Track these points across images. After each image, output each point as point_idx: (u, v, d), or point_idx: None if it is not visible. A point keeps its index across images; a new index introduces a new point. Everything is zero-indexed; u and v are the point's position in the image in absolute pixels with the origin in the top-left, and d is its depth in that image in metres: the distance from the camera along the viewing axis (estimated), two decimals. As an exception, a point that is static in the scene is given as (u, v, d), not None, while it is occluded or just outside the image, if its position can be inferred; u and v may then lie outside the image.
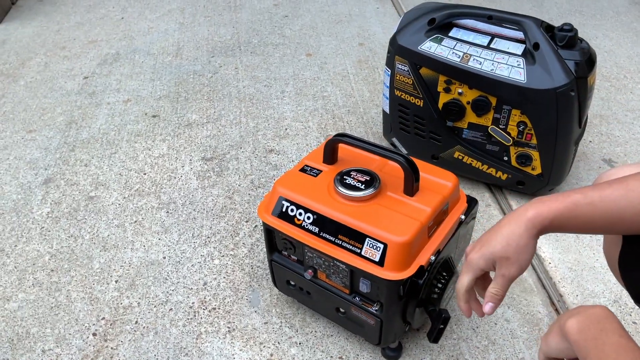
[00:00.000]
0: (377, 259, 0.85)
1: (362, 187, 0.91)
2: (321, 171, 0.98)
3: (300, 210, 0.92)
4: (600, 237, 1.21)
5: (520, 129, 1.20)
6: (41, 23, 2.23)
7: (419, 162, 0.98)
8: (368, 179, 0.93)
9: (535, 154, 1.23)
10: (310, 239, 0.90)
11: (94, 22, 2.23)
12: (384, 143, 1.49)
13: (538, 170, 1.25)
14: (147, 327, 1.06)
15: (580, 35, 1.17)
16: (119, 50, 2.02)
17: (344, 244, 0.88)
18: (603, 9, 2.21)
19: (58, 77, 1.86)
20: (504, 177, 1.30)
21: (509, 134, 1.22)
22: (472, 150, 1.29)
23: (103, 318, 1.07)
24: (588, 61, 1.15)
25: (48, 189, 1.39)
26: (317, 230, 0.90)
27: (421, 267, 0.86)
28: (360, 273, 0.88)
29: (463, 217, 0.97)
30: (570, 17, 2.15)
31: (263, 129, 1.59)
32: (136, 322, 1.07)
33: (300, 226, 0.91)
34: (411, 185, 0.91)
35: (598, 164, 1.43)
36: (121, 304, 1.10)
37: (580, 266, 1.16)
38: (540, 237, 0.73)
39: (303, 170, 0.99)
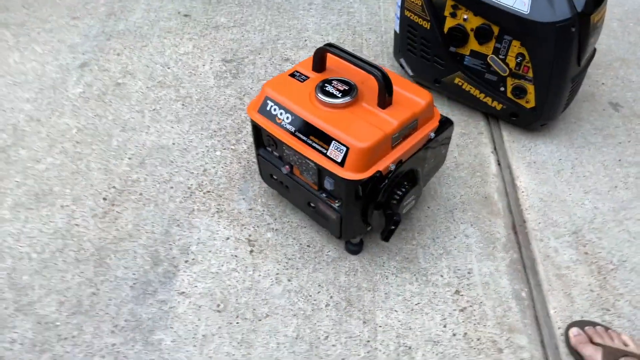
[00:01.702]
0: (339, 160, 0.95)
1: (339, 95, 0.99)
2: (308, 77, 1.06)
3: (282, 111, 1.02)
4: (582, 175, 1.26)
5: (518, 60, 1.23)
6: None
7: (399, 79, 1.05)
8: (347, 88, 1.01)
9: (530, 87, 1.26)
10: (286, 136, 1.01)
11: None
12: (395, 64, 1.54)
13: (532, 104, 1.28)
14: (149, 199, 1.22)
15: None
16: (164, -52, 2.08)
17: (314, 144, 0.98)
18: (667, -53, 2.07)
19: (105, -31, 1.96)
20: (499, 107, 1.34)
21: (507, 64, 1.25)
22: (472, 78, 1.33)
23: (114, 187, 1.24)
24: (596, -2, 1.15)
25: (83, 72, 1.54)
26: (293, 129, 1.00)
27: (378, 172, 0.96)
28: (325, 172, 0.98)
29: (433, 135, 1.04)
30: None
31: (284, 38, 1.66)
32: (140, 193, 1.23)
33: (280, 125, 1.02)
34: (383, 98, 0.98)
35: (603, 107, 1.44)
36: (130, 177, 1.26)
37: (552, 198, 1.22)
38: (522, 166, 0.78)
39: (292, 75, 1.08)
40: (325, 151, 0.96)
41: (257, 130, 1.09)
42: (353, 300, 1.04)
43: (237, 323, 1.01)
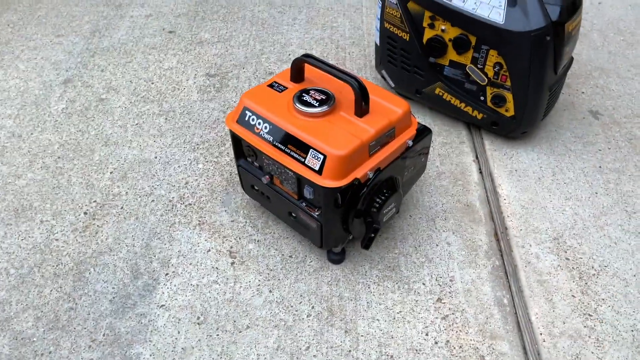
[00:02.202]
0: (317, 168, 0.95)
1: (317, 104, 1.00)
2: (287, 88, 1.07)
3: (260, 120, 1.02)
4: (563, 182, 1.27)
5: (496, 69, 1.24)
6: None
7: (377, 89, 1.06)
8: (324, 98, 1.01)
9: (509, 96, 1.27)
10: (265, 146, 1.01)
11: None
12: (377, 76, 1.55)
13: (511, 112, 1.29)
14: (130, 212, 1.21)
15: None
16: (150, -34, 2.11)
17: (292, 153, 0.98)
18: (643, -39, 2.11)
19: (90, -12, 1.98)
20: (479, 116, 1.35)
21: (485, 74, 1.26)
22: (452, 88, 1.34)
23: (95, 201, 1.24)
24: (569, 7, 1.17)
25: (66, 88, 1.54)
26: (271, 139, 1.00)
27: (356, 179, 0.96)
28: (304, 180, 0.98)
29: (410, 143, 1.05)
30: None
31: (268, 52, 1.67)
32: (122, 207, 1.22)
33: (258, 134, 1.02)
34: (360, 106, 0.99)
35: (583, 115, 1.45)
36: (112, 191, 1.26)
37: (533, 205, 1.22)
38: (504, 174, 0.77)
39: (271, 85, 1.08)
40: (303, 160, 0.96)
41: (236, 140, 1.09)
42: (335, 310, 1.04)
43: (217, 335, 1.00)
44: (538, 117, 1.31)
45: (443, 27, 1.27)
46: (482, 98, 1.31)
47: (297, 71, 1.07)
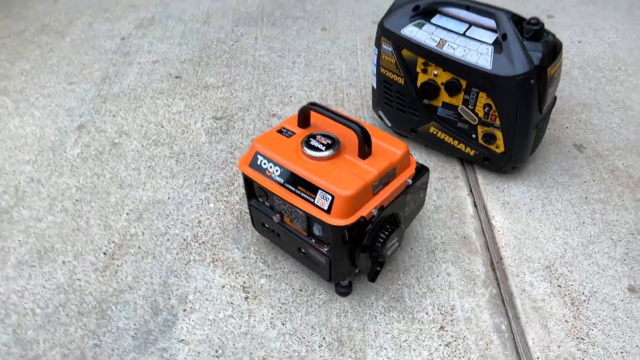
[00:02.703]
0: (325, 208, 1.03)
1: (323, 148, 1.09)
2: (294, 133, 1.16)
3: (271, 164, 1.10)
4: (552, 213, 1.36)
5: (486, 110, 1.34)
6: (89, -15, 2.46)
7: (377, 131, 1.15)
8: (330, 142, 1.10)
9: (499, 134, 1.37)
10: (276, 188, 1.09)
11: (136, -13, 2.45)
12: (374, 116, 1.65)
13: (501, 149, 1.39)
14: (147, 251, 1.28)
15: (587, 26, 1.28)
16: (155, 14, 2.23)
17: (302, 194, 1.06)
18: (618, 1, 2.26)
19: (99, 36, 2.09)
20: (472, 153, 1.44)
21: (476, 114, 1.36)
22: (445, 127, 1.44)
23: (113, 242, 1.31)
24: (550, 53, 1.27)
25: (80, 134, 1.62)
26: (282, 181, 1.09)
27: (362, 217, 1.04)
28: (313, 219, 1.07)
29: (410, 181, 1.14)
30: (582, 7, 2.21)
31: (270, 95, 1.77)
32: (139, 247, 1.29)
33: (270, 177, 1.10)
34: (363, 150, 1.08)
35: (568, 149, 1.55)
36: (129, 232, 1.33)
37: (525, 235, 1.31)
38: (497, 206, 0.85)
39: (280, 131, 1.17)
40: (312, 200, 1.04)
41: (248, 183, 1.18)
42: (344, 340, 1.10)
43: (235, 367, 1.06)
44: (526, 153, 1.40)
45: (435, 72, 1.37)
46: (473, 136, 1.41)
47: (303, 118, 1.16)
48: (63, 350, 1.09)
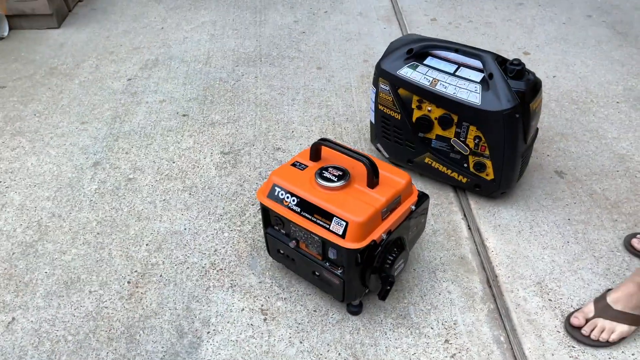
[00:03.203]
0: (340, 233, 1.14)
1: (335, 179, 1.21)
2: (307, 166, 1.28)
3: (288, 195, 1.22)
4: (539, 234, 1.49)
5: (476, 141, 1.48)
6: (93, 29, 2.58)
7: (382, 163, 1.28)
8: (341, 174, 1.22)
9: (488, 163, 1.50)
10: (294, 216, 1.20)
11: (138, 30, 2.58)
12: (372, 147, 1.78)
13: (491, 176, 1.52)
14: (169, 279, 1.37)
15: (560, 61, 1.43)
16: (158, 56, 2.35)
17: (318, 221, 1.17)
18: (587, 38, 2.46)
19: (106, 78, 2.20)
20: (464, 180, 1.57)
21: (467, 145, 1.50)
22: (439, 157, 1.57)
23: (136, 271, 1.39)
24: (532, 90, 1.42)
25: (96, 170, 1.72)
26: (299, 209, 1.20)
27: (373, 241, 1.15)
28: (328, 243, 1.17)
29: (413, 207, 1.26)
30: (555, 44, 2.40)
31: (273, 130, 1.90)
32: (160, 275, 1.38)
33: (287, 206, 1.21)
34: (371, 180, 1.20)
35: (550, 175, 1.70)
36: (150, 261, 1.42)
37: (517, 255, 1.43)
38: (489, 229, 1.01)
39: (294, 165, 1.29)
40: (328, 226, 1.15)
41: (265, 212, 1.28)
42: (358, 356, 1.20)
43: (260, 383, 1.15)
44: (514, 180, 1.54)
45: (429, 108, 1.51)
46: (465, 165, 1.54)
47: (315, 152, 1.28)
48: (97, 373, 1.17)
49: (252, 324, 1.27)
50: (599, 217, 1.55)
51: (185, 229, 1.52)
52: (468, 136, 1.48)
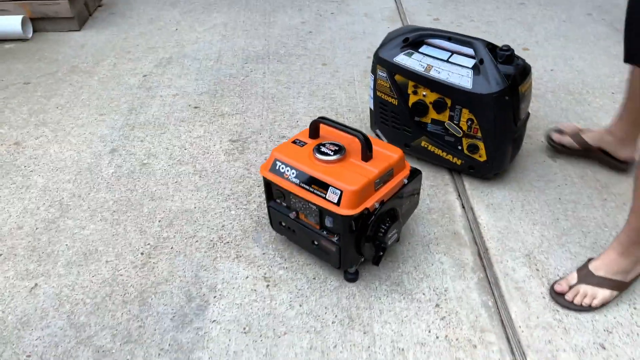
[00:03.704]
0: (335, 201, 1.23)
1: (332, 154, 1.30)
2: (306, 143, 1.37)
3: (288, 168, 1.31)
4: (530, 212, 1.56)
5: (469, 124, 1.56)
6: (112, 32, 2.73)
7: (376, 141, 1.37)
8: (337, 149, 1.31)
9: (481, 145, 1.58)
10: (293, 187, 1.30)
11: (154, 32, 2.72)
12: (371, 133, 1.87)
13: (484, 158, 1.60)
14: (179, 251, 1.47)
15: (558, 56, 1.52)
16: (172, 55, 2.48)
17: (315, 191, 1.26)
18: (586, 35, 2.53)
19: (124, 74, 2.33)
20: (459, 162, 1.65)
21: (460, 128, 1.59)
22: (435, 141, 1.66)
23: (149, 244, 1.50)
24: (521, 74, 1.50)
25: (113, 156, 1.84)
26: (298, 181, 1.29)
27: (366, 209, 1.24)
28: (325, 211, 1.27)
29: (406, 180, 1.34)
30: (554, 40, 2.48)
31: (279, 120, 2.00)
32: (171, 247, 1.48)
33: (287, 179, 1.31)
34: (365, 154, 1.29)
35: (543, 159, 1.77)
36: (162, 235, 1.52)
37: (507, 230, 1.51)
38: (482, 207, 1.11)
39: (294, 142, 1.39)
40: (324, 195, 1.25)
41: (268, 186, 1.38)
42: (354, 317, 1.28)
43: (261, 340, 1.24)
44: (506, 161, 1.62)
45: (424, 93, 1.60)
46: (459, 147, 1.63)
47: (314, 130, 1.38)
48: (112, 331, 1.27)
49: (255, 290, 1.36)
50: (589, 197, 1.62)
51: (195, 207, 1.62)
52: (461, 119, 1.57)
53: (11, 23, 2.54)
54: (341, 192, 1.22)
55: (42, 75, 2.33)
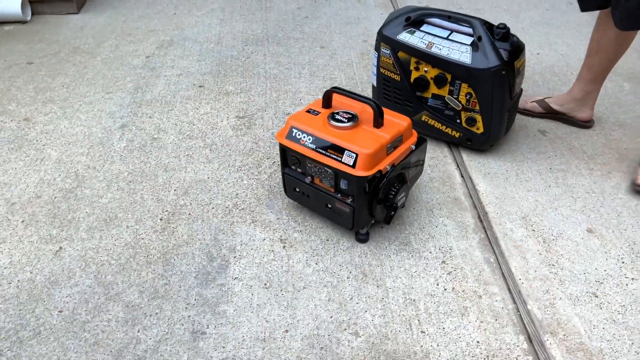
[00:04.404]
0: (351, 163, 1.32)
1: (346, 121, 1.39)
2: (319, 112, 1.46)
3: (304, 135, 1.40)
4: (524, 180, 1.67)
5: (468, 98, 1.67)
6: (111, 15, 2.76)
7: (386, 110, 1.46)
8: (350, 116, 1.40)
9: (478, 117, 1.69)
10: (310, 152, 1.38)
11: (152, 15, 2.76)
12: (374, 112, 1.97)
13: (481, 130, 1.71)
14: (197, 217, 1.54)
15: (543, 41, 1.64)
16: (173, 37, 2.54)
17: (331, 155, 1.35)
18: (568, 22, 2.67)
19: (126, 55, 2.38)
20: (457, 135, 1.76)
21: (460, 102, 1.69)
22: (435, 115, 1.76)
23: (166, 211, 1.56)
24: (516, 50, 1.62)
25: (123, 131, 1.89)
26: (314, 147, 1.38)
27: (379, 171, 1.33)
28: (341, 174, 1.35)
29: (413, 147, 1.44)
30: (539, 27, 2.61)
31: (283, 98, 2.08)
32: (189, 214, 1.55)
33: (304, 145, 1.39)
34: (377, 121, 1.38)
35: (534, 133, 1.89)
36: (179, 203, 1.59)
37: (504, 196, 1.62)
38: (480, 176, 1.22)
39: (308, 111, 1.47)
40: (340, 159, 1.33)
41: (283, 153, 1.46)
42: (367, 273, 1.38)
43: (282, 294, 1.32)
44: (501, 133, 1.73)
45: (426, 69, 1.70)
46: (458, 121, 1.73)
47: (327, 99, 1.46)
48: (139, 288, 1.33)
49: (273, 250, 1.44)
50: (577, 167, 1.74)
51: (208, 177, 1.69)
52: (460, 93, 1.67)
53: (11, 5, 2.56)
54: (356, 155, 1.31)
55: (44, 56, 2.36)
